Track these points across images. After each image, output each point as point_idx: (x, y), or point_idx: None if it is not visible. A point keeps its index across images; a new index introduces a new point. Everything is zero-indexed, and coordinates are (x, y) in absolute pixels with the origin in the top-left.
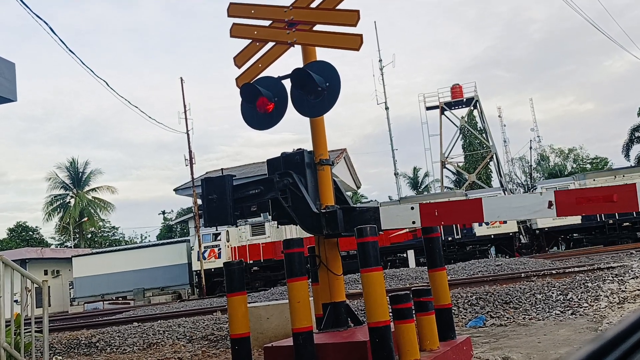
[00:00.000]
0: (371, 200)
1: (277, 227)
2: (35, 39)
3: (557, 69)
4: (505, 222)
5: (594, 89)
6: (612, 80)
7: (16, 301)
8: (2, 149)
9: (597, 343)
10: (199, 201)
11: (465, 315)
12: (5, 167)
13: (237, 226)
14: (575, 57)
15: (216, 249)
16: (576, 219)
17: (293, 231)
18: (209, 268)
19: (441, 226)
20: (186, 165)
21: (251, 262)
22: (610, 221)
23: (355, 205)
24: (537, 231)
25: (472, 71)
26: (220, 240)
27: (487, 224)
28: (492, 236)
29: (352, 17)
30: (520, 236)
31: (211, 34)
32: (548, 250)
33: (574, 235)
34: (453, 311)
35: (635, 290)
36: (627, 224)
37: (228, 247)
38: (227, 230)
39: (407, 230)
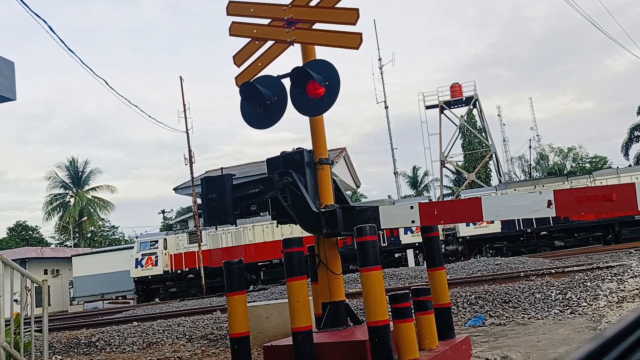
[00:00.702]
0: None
1: (211, 235)
2: (35, 38)
3: (557, 68)
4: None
5: (594, 87)
6: (612, 79)
7: (16, 300)
8: (2, 148)
9: (596, 342)
10: (199, 200)
11: (464, 315)
12: (5, 166)
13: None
14: (576, 55)
15: (153, 257)
16: (497, 228)
17: (229, 239)
18: (145, 275)
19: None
20: (186, 165)
21: (187, 269)
22: (529, 230)
23: (354, 204)
24: (461, 239)
25: (471, 70)
26: (157, 247)
27: (412, 231)
28: (417, 244)
29: (352, 15)
30: (443, 245)
31: (212, 33)
32: (471, 258)
33: (496, 243)
34: (452, 310)
35: (634, 290)
36: (545, 232)
37: (166, 254)
38: (165, 238)
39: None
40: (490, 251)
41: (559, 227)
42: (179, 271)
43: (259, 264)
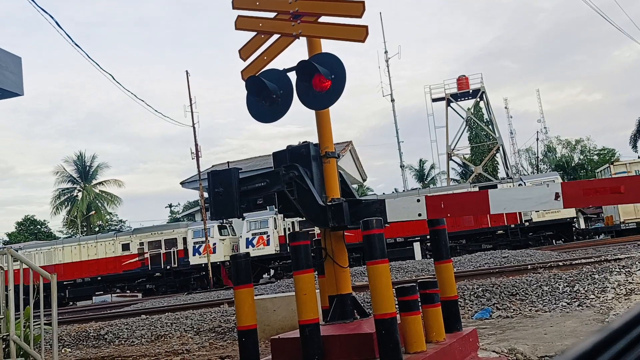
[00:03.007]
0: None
1: (25, 254)
2: (42, 32)
3: (565, 59)
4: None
5: (602, 79)
6: (621, 71)
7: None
8: (11, 143)
9: (602, 333)
10: (206, 194)
11: (471, 307)
12: (13, 161)
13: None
14: (584, 47)
15: None
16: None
17: (41, 259)
18: None
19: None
20: (192, 159)
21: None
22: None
23: (361, 198)
24: None
25: (478, 62)
26: None
27: (199, 253)
28: (203, 265)
29: (358, 8)
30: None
31: (218, 26)
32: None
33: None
34: (459, 303)
35: None
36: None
37: None
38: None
39: None
40: (267, 273)
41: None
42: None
43: (64, 282)
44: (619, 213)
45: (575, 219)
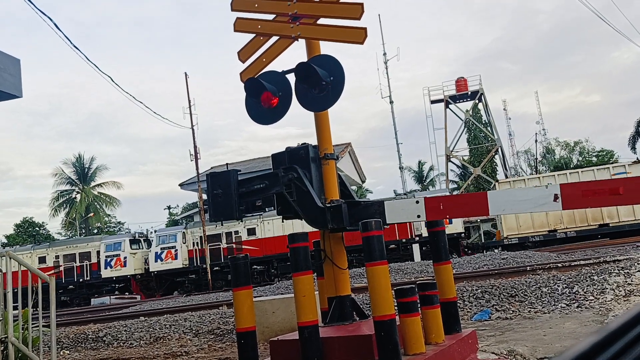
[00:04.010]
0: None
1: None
2: (41, 33)
3: (564, 60)
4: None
5: (601, 80)
6: (620, 72)
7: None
8: (10, 144)
9: (600, 334)
10: (204, 196)
11: (470, 309)
12: (12, 163)
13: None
14: (583, 48)
15: None
16: (180, 264)
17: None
18: None
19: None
20: (191, 161)
21: None
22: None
23: (360, 200)
24: (153, 274)
25: (477, 63)
26: None
27: (111, 266)
28: (114, 278)
29: (356, 10)
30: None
31: (217, 28)
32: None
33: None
34: (458, 305)
35: None
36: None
37: None
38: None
39: None
40: (179, 287)
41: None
42: None
43: None
44: (503, 228)
45: (463, 234)
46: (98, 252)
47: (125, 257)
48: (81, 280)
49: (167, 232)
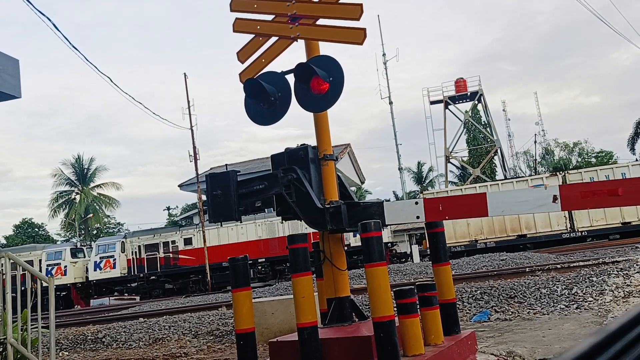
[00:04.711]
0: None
1: None
2: (41, 34)
3: (564, 62)
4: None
5: (601, 81)
6: (619, 73)
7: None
8: (9, 145)
9: (599, 335)
10: (204, 197)
11: (469, 310)
12: (12, 164)
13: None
14: (583, 49)
15: None
16: (118, 272)
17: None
18: None
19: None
20: (191, 161)
21: None
22: (141, 274)
23: (359, 201)
24: (92, 282)
25: (477, 64)
26: None
27: (52, 275)
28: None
29: (356, 11)
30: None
31: (217, 28)
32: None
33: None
34: (457, 306)
35: None
36: (154, 277)
37: None
38: None
39: None
40: (116, 293)
41: (166, 272)
42: None
43: None
44: (454, 235)
45: (392, 243)
46: (40, 261)
47: (65, 266)
48: (23, 288)
49: (107, 241)
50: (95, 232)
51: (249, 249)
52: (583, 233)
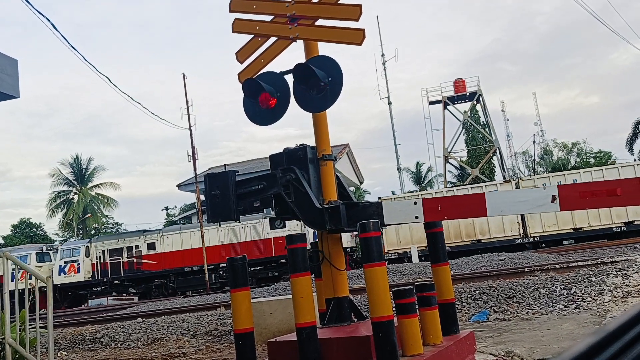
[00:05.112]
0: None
1: None
2: (40, 34)
3: (563, 62)
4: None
5: (600, 82)
6: (619, 73)
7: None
8: (8, 145)
9: (598, 335)
10: (202, 197)
11: (468, 310)
12: (11, 164)
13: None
14: (582, 49)
15: None
16: (82, 277)
17: None
18: None
19: None
20: (189, 161)
21: None
22: (105, 279)
23: (358, 201)
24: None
25: (476, 64)
26: None
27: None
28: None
29: (355, 11)
30: None
31: (216, 29)
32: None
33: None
34: (456, 306)
35: (639, 284)
36: (117, 282)
37: None
38: None
39: None
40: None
41: (130, 276)
42: None
43: None
44: (384, 243)
45: (351, 248)
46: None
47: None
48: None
49: (71, 246)
50: (93, 232)
51: (210, 254)
52: (536, 238)
